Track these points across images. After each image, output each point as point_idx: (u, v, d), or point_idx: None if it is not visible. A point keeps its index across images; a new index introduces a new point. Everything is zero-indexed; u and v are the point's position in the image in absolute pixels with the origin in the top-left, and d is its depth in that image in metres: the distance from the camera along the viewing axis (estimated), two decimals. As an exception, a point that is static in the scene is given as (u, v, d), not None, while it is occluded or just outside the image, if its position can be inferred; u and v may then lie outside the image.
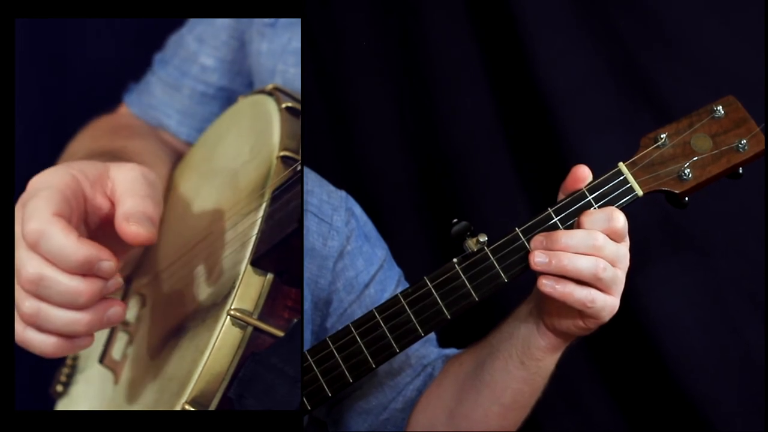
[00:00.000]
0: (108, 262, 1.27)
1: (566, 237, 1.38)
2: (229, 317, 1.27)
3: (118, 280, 1.30)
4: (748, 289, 1.95)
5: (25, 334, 1.29)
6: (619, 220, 1.39)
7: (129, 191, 1.31)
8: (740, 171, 1.43)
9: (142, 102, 1.83)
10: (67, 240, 1.25)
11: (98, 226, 1.34)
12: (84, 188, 1.32)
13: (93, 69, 1.89)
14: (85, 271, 1.26)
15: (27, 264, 1.26)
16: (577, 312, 1.41)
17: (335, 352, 1.44)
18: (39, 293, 1.26)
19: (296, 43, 1.69)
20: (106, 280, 1.28)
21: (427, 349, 1.65)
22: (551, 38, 1.97)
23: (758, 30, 1.89)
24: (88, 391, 1.61)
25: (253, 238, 1.31)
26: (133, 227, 1.28)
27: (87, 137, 1.76)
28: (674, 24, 1.94)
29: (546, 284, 1.39)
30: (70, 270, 1.26)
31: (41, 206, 1.27)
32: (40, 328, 1.28)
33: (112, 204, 1.33)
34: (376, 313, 1.43)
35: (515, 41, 1.98)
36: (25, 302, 1.27)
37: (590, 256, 1.37)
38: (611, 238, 1.39)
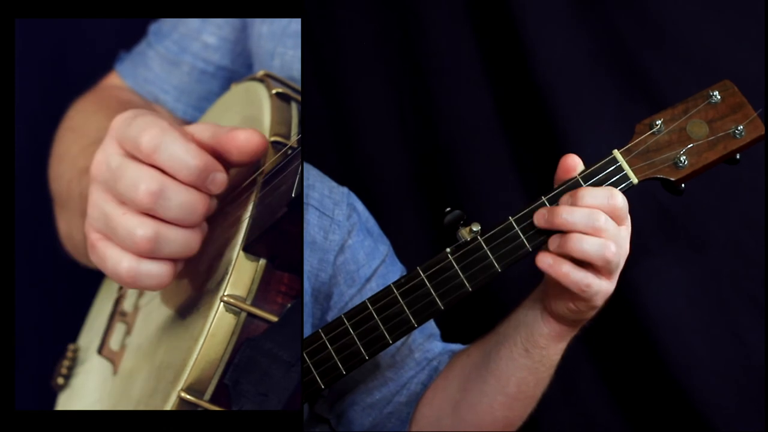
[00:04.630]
0: (222, 173, 1.27)
1: (567, 213, 1.37)
2: (222, 304, 1.27)
3: (215, 202, 1.30)
4: (748, 287, 1.95)
5: (141, 268, 1.27)
6: (618, 198, 1.37)
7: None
8: (738, 157, 1.42)
9: (137, 74, 1.81)
10: (188, 145, 1.25)
11: None
12: None
13: (93, 68, 1.90)
14: (201, 181, 1.25)
15: (145, 178, 1.24)
16: (569, 294, 1.40)
17: (328, 343, 1.43)
18: (156, 210, 1.25)
19: (295, 26, 1.68)
20: (212, 196, 1.28)
21: (431, 343, 1.64)
22: (551, 37, 1.98)
23: (758, 27, 1.89)
24: (89, 382, 1.61)
25: (245, 224, 1.31)
26: (246, 132, 1.29)
27: (98, 114, 1.72)
28: (673, 21, 1.94)
29: (544, 261, 1.38)
30: (188, 179, 1.25)
31: (154, 118, 1.27)
32: (158, 255, 1.27)
33: None
34: (368, 304, 1.43)
35: (515, 40, 1.99)
36: (138, 230, 1.25)
37: (596, 237, 1.36)
38: (612, 218, 1.38)
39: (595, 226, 1.36)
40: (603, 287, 1.39)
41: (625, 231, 1.40)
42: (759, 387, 1.93)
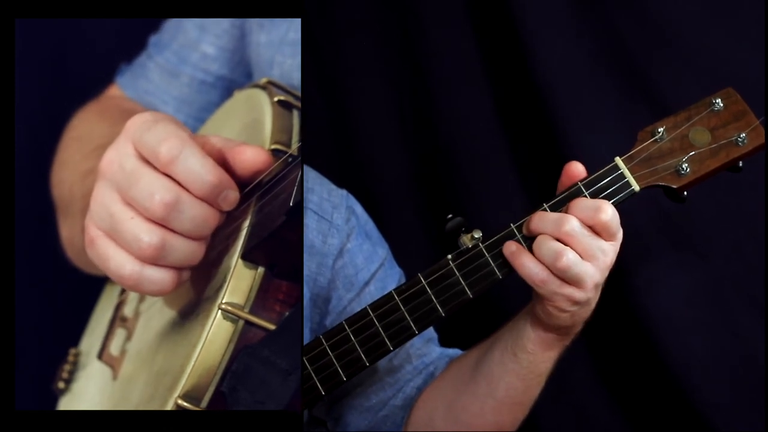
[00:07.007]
0: (235, 191, 1.28)
1: (539, 218, 1.38)
2: (220, 311, 1.27)
3: (224, 216, 1.30)
4: (749, 290, 1.94)
5: (144, 273, 1.27)
6: (606, 212, 1.36)
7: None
8: (740, 164, 1.41)
9: (138, 86, 1.81)
10: (205, 160, 1.25)
11: None
12: None
13: (93, 69, 1.90)
14: (213, 197, 1.26)
15: (160, 189, 1.24)
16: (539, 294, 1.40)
17: (328, 350, 1.43)
18: (168, 220, 1.25)
19: (293, 35, 1.68)
20: (223, 213, 1.29)
21: (428, 347, 1.64)
22: (551, 37, 1.98)
23: (758, 28, 1.89)
24: (89, 387, 1.61)
25: (244, 232, 1.31)
26: (253, 149, 1.30)
27: (101, 123, 1.72)
28: (673, 22, 1.94)
29: (508, 248, 1.39)
30: (201, 194, 1.25)
31: (174, 128, 1.26)
32: (161, 262, 1.27)
33: None
34: (369, 311, 1.43)
35: (515, 40, 1.99)
36: (144, 236, 1.25)
37: (555, 243, 1.36)
38: (595, 231, 1.36)
39: (561, 231, 1.36)
40: (566, 292, 1.37)
41: (607, 245, 1.37)
42: (759, 387, 1.94)
